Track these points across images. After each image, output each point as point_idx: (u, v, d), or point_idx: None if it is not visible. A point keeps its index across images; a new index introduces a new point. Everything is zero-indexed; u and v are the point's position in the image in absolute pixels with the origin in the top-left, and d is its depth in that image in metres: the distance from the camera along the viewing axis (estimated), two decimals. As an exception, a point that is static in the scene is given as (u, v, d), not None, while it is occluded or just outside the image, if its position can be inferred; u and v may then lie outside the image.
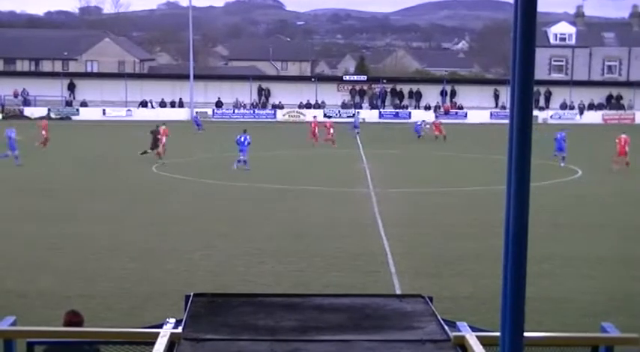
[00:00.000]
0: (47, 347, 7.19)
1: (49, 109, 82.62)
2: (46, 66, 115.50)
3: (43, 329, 6.30)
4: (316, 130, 58.35)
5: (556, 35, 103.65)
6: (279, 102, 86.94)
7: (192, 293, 7.20)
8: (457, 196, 35.11)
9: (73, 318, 9.77)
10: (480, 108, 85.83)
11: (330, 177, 40.81)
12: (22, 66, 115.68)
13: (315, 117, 66.99)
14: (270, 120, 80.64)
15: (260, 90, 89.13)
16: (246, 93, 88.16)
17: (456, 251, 23.67)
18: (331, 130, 57.40)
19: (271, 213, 30.43)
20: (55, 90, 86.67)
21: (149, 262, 22.17)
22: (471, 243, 24.64)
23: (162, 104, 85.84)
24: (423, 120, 69.08)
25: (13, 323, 6.88)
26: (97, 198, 33.41)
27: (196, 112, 78.04)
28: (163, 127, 49.35)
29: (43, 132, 52.59)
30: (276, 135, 63.05)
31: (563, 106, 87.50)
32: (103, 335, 6.98)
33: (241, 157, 43.80)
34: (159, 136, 48.02)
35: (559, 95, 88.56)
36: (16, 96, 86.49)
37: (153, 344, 6.08)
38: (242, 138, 44.43)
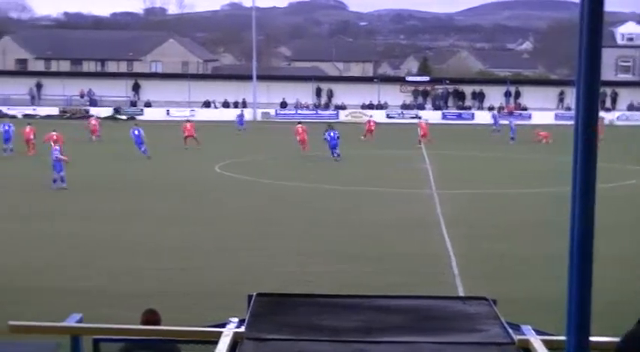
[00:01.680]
0: (124, 345, 7.30)
1: (114, 109, 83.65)
2: (112, 66, 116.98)
3: (110, 327, 6.38)
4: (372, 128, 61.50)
5: (623, 35, 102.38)
6: (342, 103, 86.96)
7: (254, 293, 7.22)
8: (520, 197, 34.82)
9: (150, 317, 9.87)
10: (545, 110, 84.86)
11: (392, 178, 40.71)
12: (88, 67, 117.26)
13: (371, 116, 71.39)
14: (332, 120, 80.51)
15: (319, 91, 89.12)
16: (308, 93, 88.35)
17: (519, 252, 23.47)
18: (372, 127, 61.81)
19: (331, 213, 30.45)
20: (120, 90, 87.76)
21: (206, 261, 22.35)
22: (535, 245, 24.41)
23: (226, 104, 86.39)
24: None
25: (80, 320, 6.99)
26: (157, 197, 33.71)
27: (241, 111, 77.47)
28: (301, 125, 52.06)
29: (188, 132, 54.19)
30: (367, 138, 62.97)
31: (631, 107, 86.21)
32: (166, 334, 7.05)
33: (336, 151, 46.59)
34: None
35: (626, 96, 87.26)
36: (82, 96, 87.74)
37: (215, 342, 6.12)
38: (332, 134, 46.90)
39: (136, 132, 49.11)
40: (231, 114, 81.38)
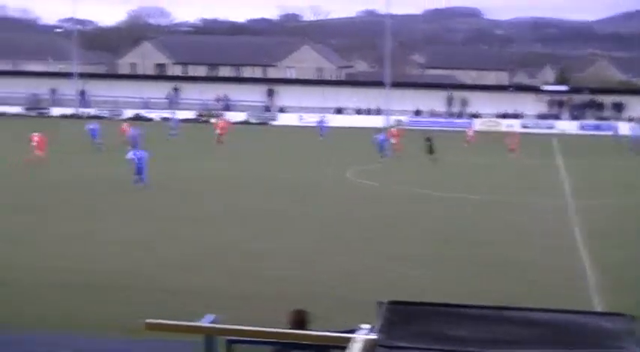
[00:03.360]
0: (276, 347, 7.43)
1: (247, 114, 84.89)
2: (247, 72, 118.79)
3: (243, 328, 6.43)
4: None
5: None
6: (476, 112, 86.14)
7: (386, 300, 7.20)
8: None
9: (297, 317, 9.99)
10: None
11: (526, 187, 40.10)
12: (224, 72, 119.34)
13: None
14: (466, 129, 79.83)
15: (450, 100, 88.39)
16: (442, 101, 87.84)
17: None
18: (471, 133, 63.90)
19: (462, 221, 30.17)
20: (255, 95, 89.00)
21: (320, 264, 22.49)
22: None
23: (358, 111, 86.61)
24: None
25: (214, 321, 7.11)
26: (292, 200, 34.06)
27: (321, 117, 77.06)
28: (394, 129, 54.48)
29: (394, 141, 54.89)
30: (470, 145, 62.42)
31: None
32: (297, 337, 7.08)
33: (385, 152, 51.80)
34: (432, 142, 51.26)
35: None
36: (217, 101, 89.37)
37: (343, 348, 6.12)
38: (380, 137, 52.51)
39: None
40: (364, 121, 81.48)
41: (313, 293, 19.17)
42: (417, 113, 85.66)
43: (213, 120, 60.65)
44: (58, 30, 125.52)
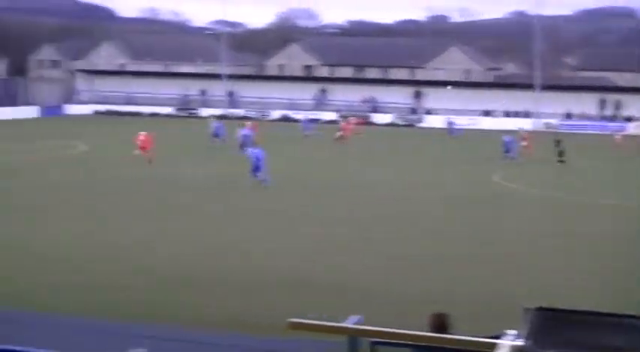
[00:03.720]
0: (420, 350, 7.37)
1: (393, 116, 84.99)
2: (394, 73, 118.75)
3: (388, 330, 6.38)
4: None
5: None
6: (631, 115, 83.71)
7: (533, 307, 7.03)
8: None
9: (438, 321, 9.90)
10: None
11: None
12: (370, 73, 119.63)
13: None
14: (615, 133, 77.49)
15: (603, 103, 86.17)
16: (594, 104, 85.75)
17: None
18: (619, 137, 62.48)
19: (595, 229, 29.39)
20: (402, 97, 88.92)
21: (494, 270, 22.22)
22: None
23: (507, 114, 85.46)
24: None
25: (359, 322, 7.07)
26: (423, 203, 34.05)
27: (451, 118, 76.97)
28: (525, 132, 55.43)
29: (525, 144, 54.72)
30: (618, 149, 60.56)
31: None
32: (441, 341, 6.99)
33: (510, 154, 51.18)
34: (561, 146, 51.20)
35: None
36: (364, 102, 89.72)
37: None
38: (507, 139, 51.98)
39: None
40: (512, 123, 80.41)
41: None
42: (568, 116, 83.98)
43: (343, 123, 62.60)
44: (207, 32, 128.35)
